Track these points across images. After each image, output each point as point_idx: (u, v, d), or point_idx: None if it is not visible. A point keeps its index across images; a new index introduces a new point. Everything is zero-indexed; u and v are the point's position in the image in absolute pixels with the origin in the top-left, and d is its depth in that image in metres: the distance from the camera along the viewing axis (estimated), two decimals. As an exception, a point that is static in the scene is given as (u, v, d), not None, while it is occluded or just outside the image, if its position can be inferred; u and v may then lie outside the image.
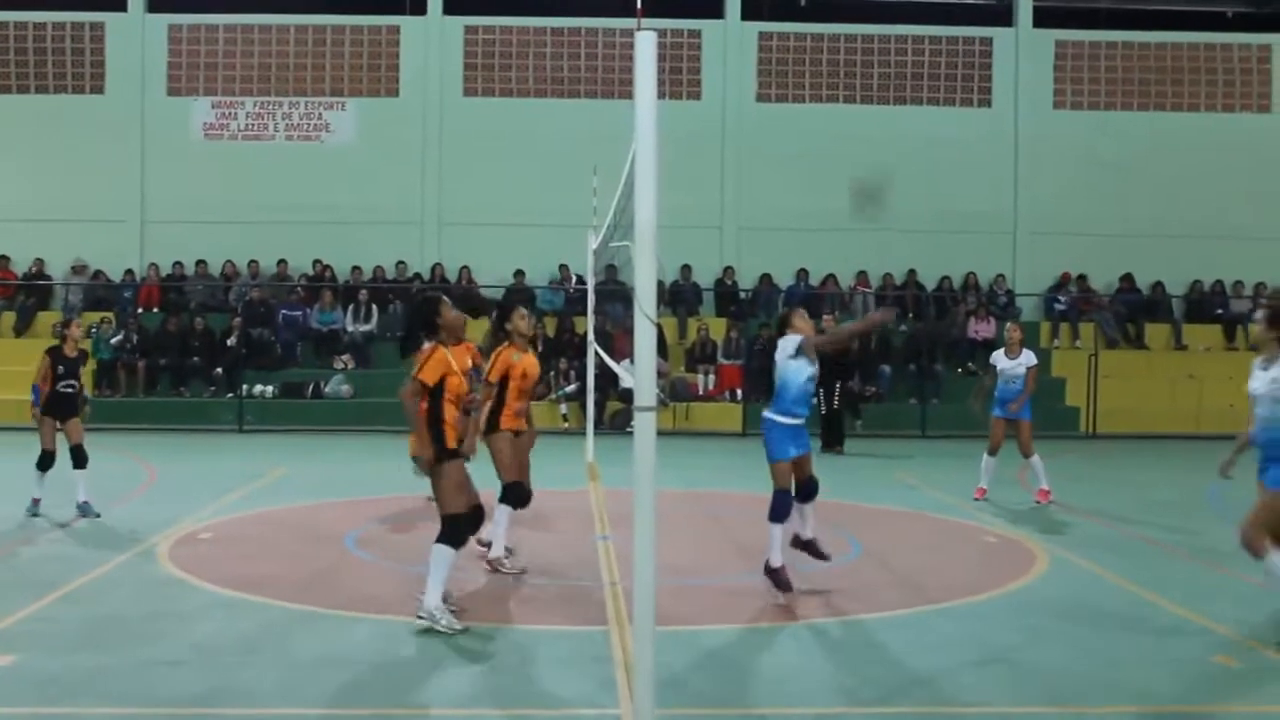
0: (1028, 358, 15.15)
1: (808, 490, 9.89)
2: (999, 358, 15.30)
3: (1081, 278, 27.65)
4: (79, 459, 13.18)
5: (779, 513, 9.58)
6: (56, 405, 13.18)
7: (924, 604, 9.57)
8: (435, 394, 8.63)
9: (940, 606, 9.47)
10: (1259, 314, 8.67)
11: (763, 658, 8.15)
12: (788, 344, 9.83)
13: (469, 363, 13.72)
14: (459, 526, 8.66)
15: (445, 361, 8.71)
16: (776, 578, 9.55)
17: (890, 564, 11.22)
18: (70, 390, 13.23)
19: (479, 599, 9.59)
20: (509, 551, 10.61)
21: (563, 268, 26.71)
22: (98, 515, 13.06)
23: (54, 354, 13.23)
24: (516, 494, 10.57)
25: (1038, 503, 14.78)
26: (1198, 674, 7.86)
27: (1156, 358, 26.58)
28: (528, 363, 10.82)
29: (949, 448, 21.37)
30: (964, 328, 26.35)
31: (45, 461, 13.14)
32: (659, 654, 6.31)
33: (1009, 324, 16.54)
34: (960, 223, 27.51)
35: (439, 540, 8.59)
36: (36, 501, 13.19)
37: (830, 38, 28.22)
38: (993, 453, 15.13)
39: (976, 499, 15.10)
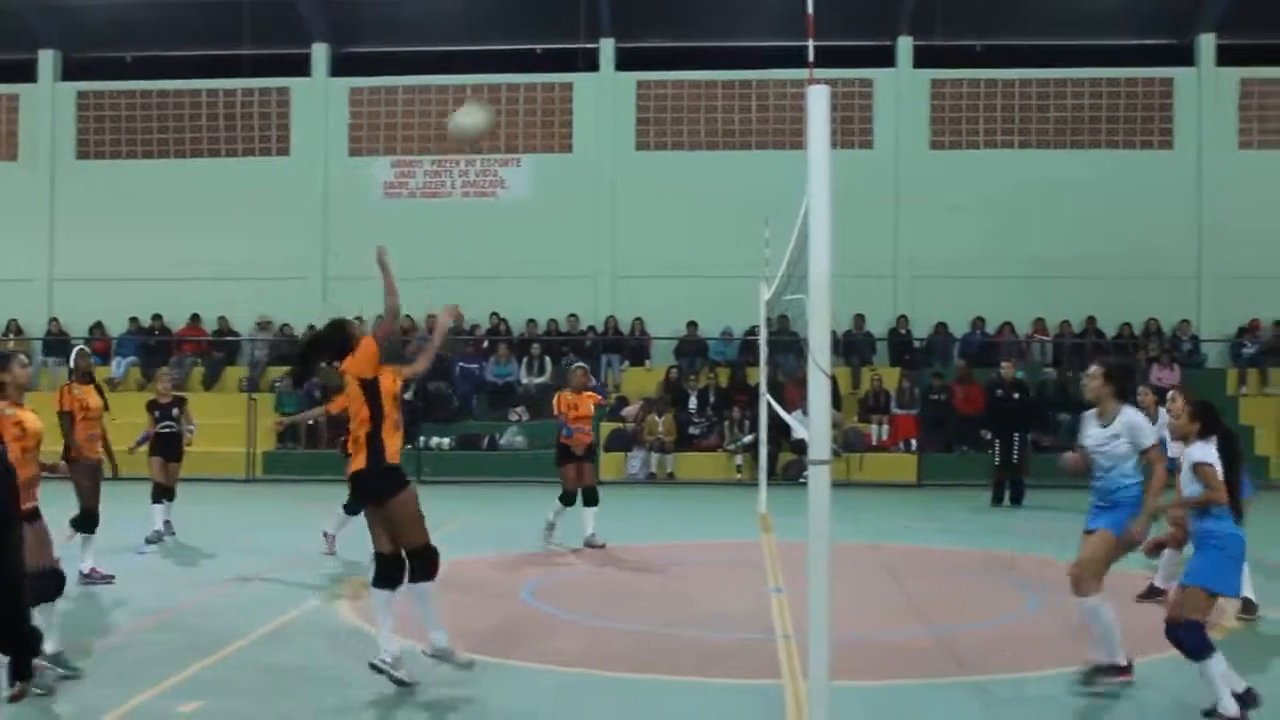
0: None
1: None
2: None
3: (1279, 322, 26.69)
4: None
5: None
6: None
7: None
8: None
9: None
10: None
11: (939, 714, 8.00)
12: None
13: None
14: None
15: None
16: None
17: (1070, 617, 10.89)
18: None
19: (649, 651, 9.59)
20: None
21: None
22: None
23: None
24: None
25: None
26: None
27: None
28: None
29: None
30: (1146, 375, 25.61)
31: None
32: (833, 709, 6.24)
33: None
34: (1141, 268, 26.76)
35: None
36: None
37: (1004, 83, 27.87)
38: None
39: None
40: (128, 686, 8.30)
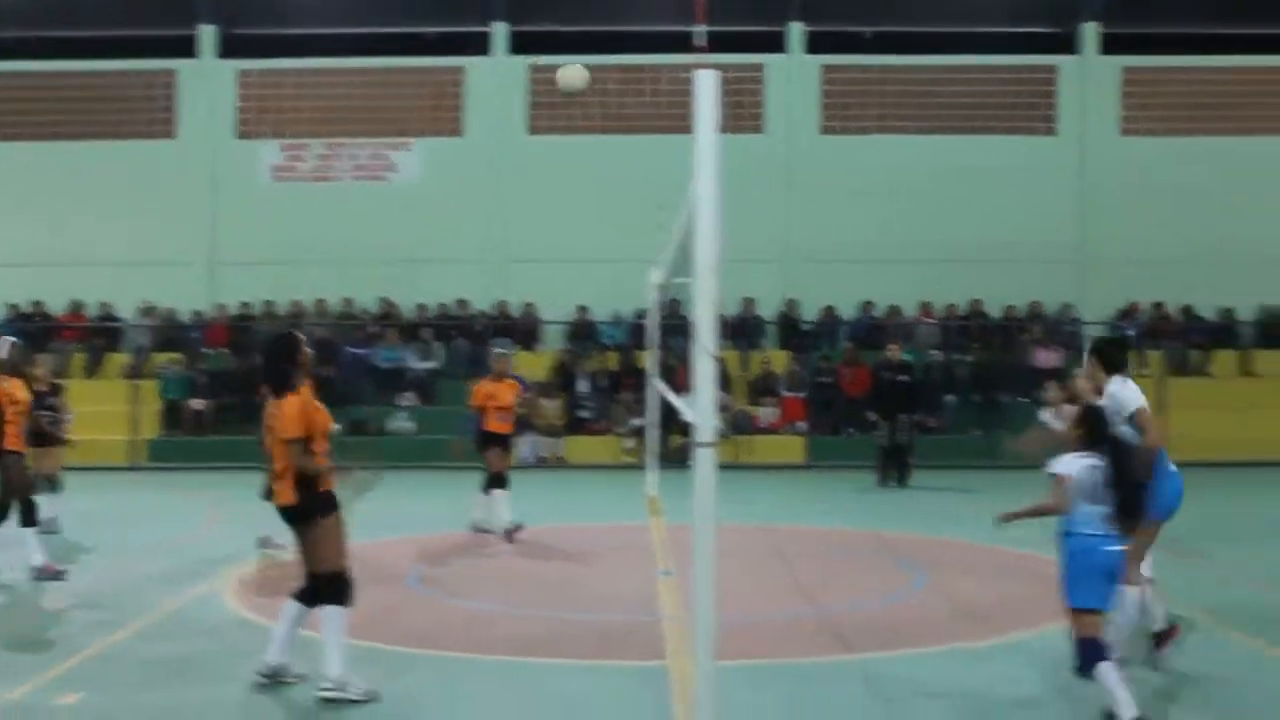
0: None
1: None
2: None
3: (1158, 305, 27.28)
4: None
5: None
6: None
7: (993, 637, 9.45)
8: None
9: (1006, 639, 9.34)
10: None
11: (824, 692, 8.09)
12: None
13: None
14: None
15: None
16: None
17: (955, 597, 11.08)
18: None
19: (536, 635, 9.59)
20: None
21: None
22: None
23: None
24: None
25: None
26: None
27: (1224, 385, 26.09)
28: None
29: (1019, 479, 21.07)
30: (1030, 356, 26.02)
31: None
32: (719, 689, 6.29)
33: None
34: (1025, 251, 27.19)
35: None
36: None
37: (894, 69, 28.15)
38: None
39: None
40: (5, 680, 8.16)
